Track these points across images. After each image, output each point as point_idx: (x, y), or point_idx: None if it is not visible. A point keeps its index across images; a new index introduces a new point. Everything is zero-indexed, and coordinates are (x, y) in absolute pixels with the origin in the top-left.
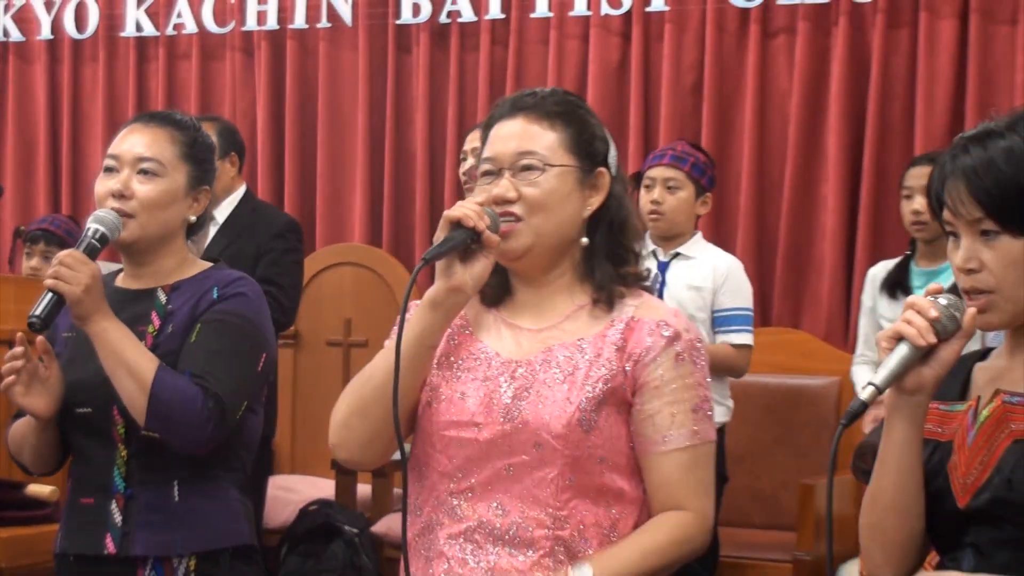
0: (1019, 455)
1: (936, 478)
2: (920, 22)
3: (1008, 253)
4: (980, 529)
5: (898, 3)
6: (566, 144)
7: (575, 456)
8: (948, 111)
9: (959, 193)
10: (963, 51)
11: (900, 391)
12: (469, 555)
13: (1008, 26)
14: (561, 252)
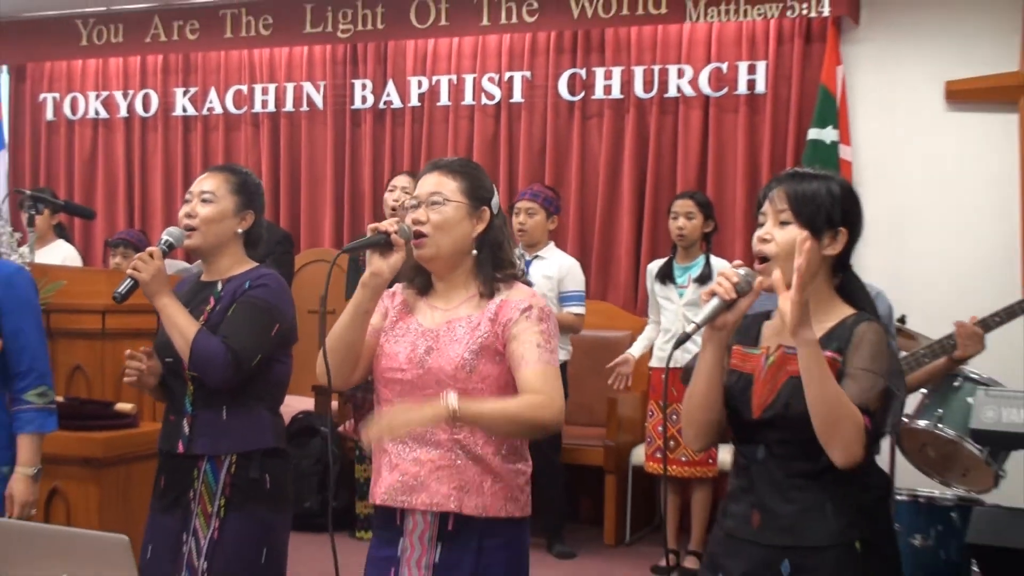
0: (792, 387)
1: (741, 396)
2: (679, 112)
3: (790, 235)
4: (767, 432)
5: (665, 100)
6: (462, 190)
7: (463, 388)
8: (697, 167)
9: (779, 195)
10: (705, 130)
11: (712, 328)
12: (401, 450)
13: (732, 115)
14: (458, 259)
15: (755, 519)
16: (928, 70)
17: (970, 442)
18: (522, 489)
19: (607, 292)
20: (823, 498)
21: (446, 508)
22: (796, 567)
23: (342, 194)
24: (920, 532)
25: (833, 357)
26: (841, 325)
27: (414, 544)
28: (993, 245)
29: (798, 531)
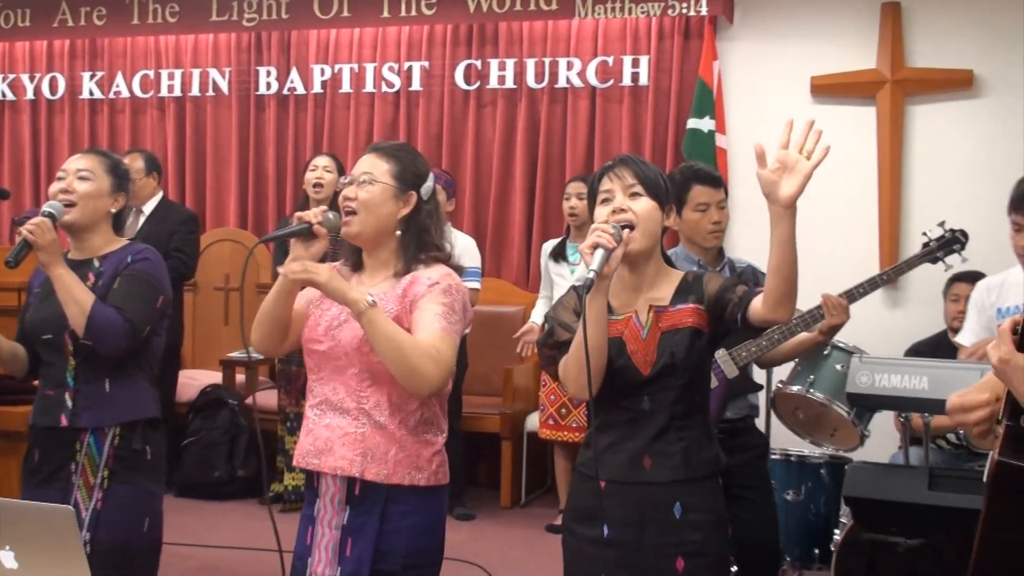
0: (671, 339)
1: (619, 359)
2: (568, 101)
3: (646, 205)
4: (654, 385)
5: (555, 90)
6: (391, 172)
7: (367, 361)
8: (584, 153)
9: (626, 172)
10: (592, 119)
11: (599, 277)
12: (318, 417)
13: (617, 105)
14: (381, 239)
15: (647, 463)
16: (795, 66)
17: (838, 404)
18: (430, 460)
19: (501, 269)
20: (700, 433)
21: (349, 473)
22: (686, 506)
23: (246, 176)
24: (793, 488)
25: (696, 308)
26: (685, 281)
27: (326, 506)
28: (854, 226)
29: (689, 465)
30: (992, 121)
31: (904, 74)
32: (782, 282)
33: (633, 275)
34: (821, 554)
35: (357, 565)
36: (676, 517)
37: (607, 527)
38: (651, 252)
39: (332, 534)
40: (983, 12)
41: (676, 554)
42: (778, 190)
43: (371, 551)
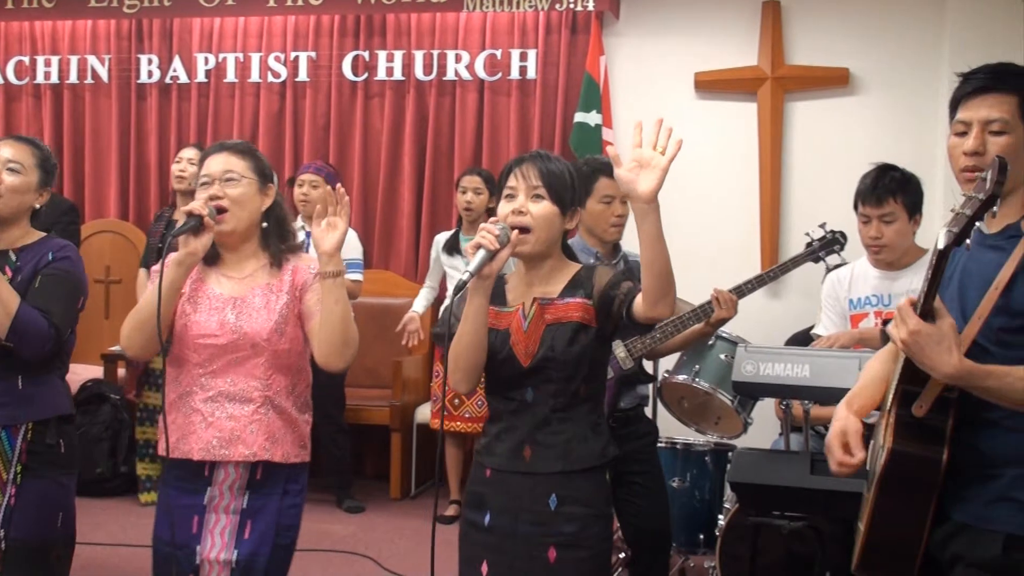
0: (554, 332)
1: (502, 350)
2: (457, 94)
3: (546, 209)
4: (535, 376)
5: (443, 82)
6: (252, 168)
7: (274, 350)
8: (473, 145)
9: (532, 172)
10: (481, 111)
11: (479, 278)
12: (216, 409)
13: (506, 98)
14: (250, 232)
15: (527, 453)
16: (679, 62)
17: (723, 393)
18: (308, 437)
19: (389, 261)
20: (584, 426)
21: (261, 458)
22: (561, 498)
23: (127, 166)
24: (678, 475)
25: (584, 302)
26: (578, 276)
27: (223, 493)
28: (736, 218)
29: (569, 456)
30: (867, 118)
31: (784, 71)
32: (656, 278)
33: (529, 271)
34: (706, 539)
35: (258, 544)
36: (551, 508)
37: (489, 514)
38: (546, 253)
39: (229, 519)
40: (859, 12)
41: (549, 544)
42: (637, 187)
43: (273, 530)
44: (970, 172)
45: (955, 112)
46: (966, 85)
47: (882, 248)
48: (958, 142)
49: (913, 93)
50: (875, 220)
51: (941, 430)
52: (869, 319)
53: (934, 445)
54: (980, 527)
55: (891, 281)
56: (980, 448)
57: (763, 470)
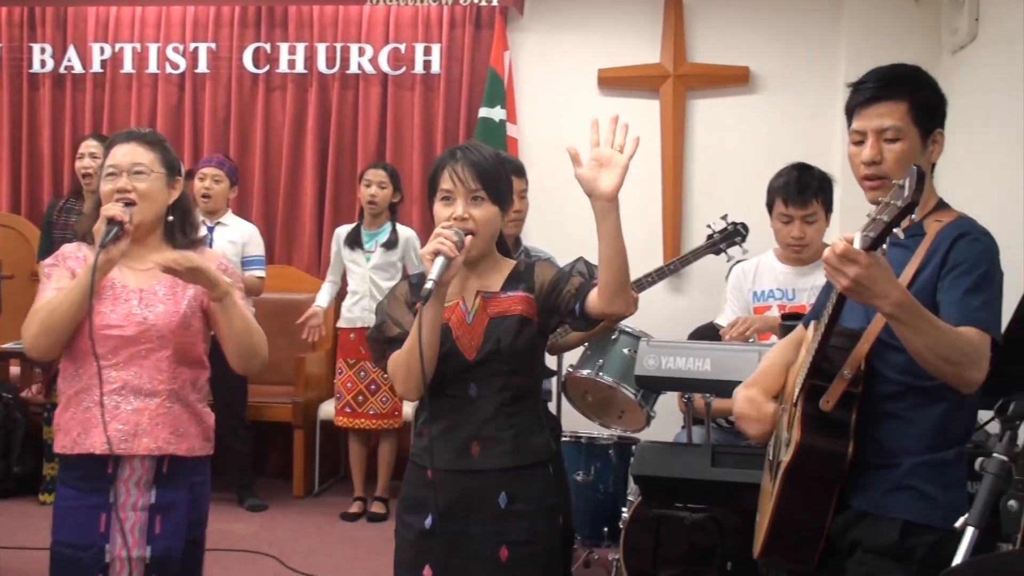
0: (498, 325)
1: (444, 345)
2: (360, 87)
3: (487, 212)
4: (480, 370)
5: (346, 76)
6: (160, 161)
7: (180, 342)
8: (376, 139)
9: (470, 175)
10: (384, 106)
11: (438, 285)
12: (120, 402)
13: (409, 92)
14: (156, 224)
15: (475, 450)
16: (583, 58)
17: (626, 387)
18: (212, 429)
19: (292, 256)
20: (530, 420)
21: (167, 451)
22: (511, 496)
23: (19, 158)
24: (582, 469)
25: (526, 296)
26: (516, 270)
27: (129, 490)
28: (641, 215)
29: (518, 452)
30: (766, 116)
31: (686, 69)
32: (615, 274)
33: (467, 267)
34: (610, 531)
35: (171, 539)
36: (501, 507)
37: (431, 517)
38: (486, 252)
39: (138, 516)
40: (760, 11)
41: (501, 544)
42: (599, 186)
43: (184, 524)
44: (871, 180)
45: (851, 120)
46: (857, 95)
47: (803, 248)
48: (856, 151)
49: (811, 92)
50: (798, 220)
51: (846, 424)
52: (772, 312)
53: (840, 439)
54: (879, 515)
55: (797, 277)
56: (880, 440)
57: (666, 463)
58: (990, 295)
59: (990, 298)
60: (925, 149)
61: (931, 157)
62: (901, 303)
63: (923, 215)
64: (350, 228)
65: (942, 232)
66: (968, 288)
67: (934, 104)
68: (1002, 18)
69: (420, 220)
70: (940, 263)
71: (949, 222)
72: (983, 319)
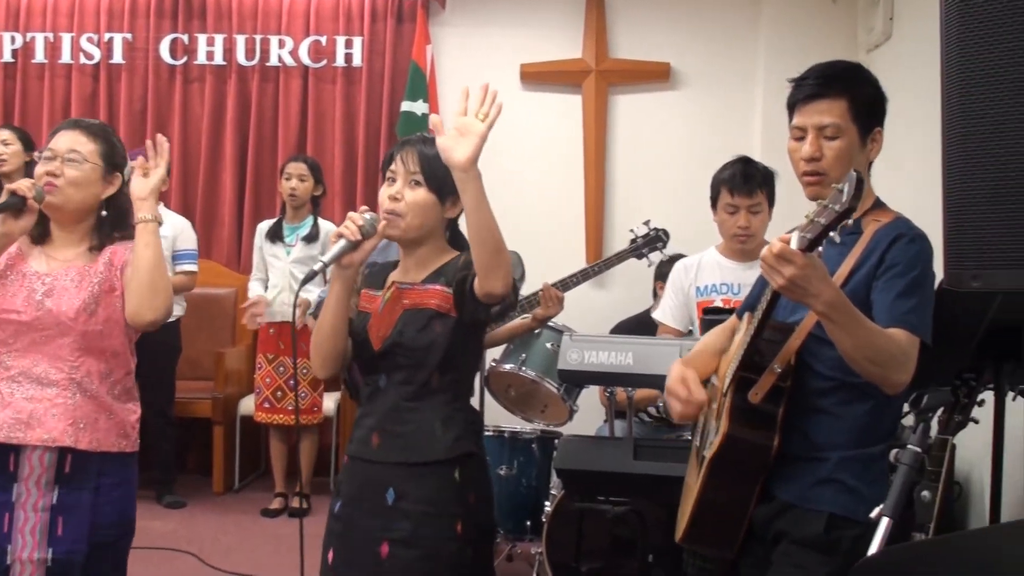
0: (407, 318)
1: (362, 332)
2: (280, 80)
3: (420, 197)
4: (386, 361)
5: (266, 68)
6: (99, 153)
7: (83, 331)
8: (297, 133)
9: (412, 158)
10: (305, 98)
11: (339, 267)
12: (15, 389)
13: (331, 85)
14: (83, 215)
15: (375, 440)
16: (505, 53)
17: (549, 381)
18: (133, 427)
19: (211, 250)
20: (434, 418)
21: (62, 443)
22: (399, 493)
23: None
24: (505, 463)
25: (443, 290)
26: (446, 265)
27: (30, 489)
28: (563, 210)
29: (412, 448)
30: (687, 112)
31: (608, 65)
32: (484, 250)
33: (406, 257)
34: (533, 525)
35: (73, 543)
36: (388, 503)
37: (340, 502)
38: (421, 240)
39: (39, 516)
40: (680, 8)
41: (382, 539)
42: (453, 155)
43: (87, 526)
44: (810, 176)
45: (792, 115)
46: (798, 91)
47: (748, 238)
48: (796, 147)
49: (730, 88)
50: (743, 210)
51: (773, 417)
52: (716, 303)
53: (766, 432)
54: (804, 507)
55: (742, 271)
56: (808, 433)
57: (588, 456)
58: (922, 298)
59: (922, 301)
60: (864, 147)
61: (870, 155)
62: (833, 303)
63: (861, 213)
64: (271, 223)
65: (880, 232)
66: (901, 291)
67: (874, 102)
68: (915, 18)
69: (342, 214)
70: (876, 263)
71: (887, 222)
72: (913, 322)
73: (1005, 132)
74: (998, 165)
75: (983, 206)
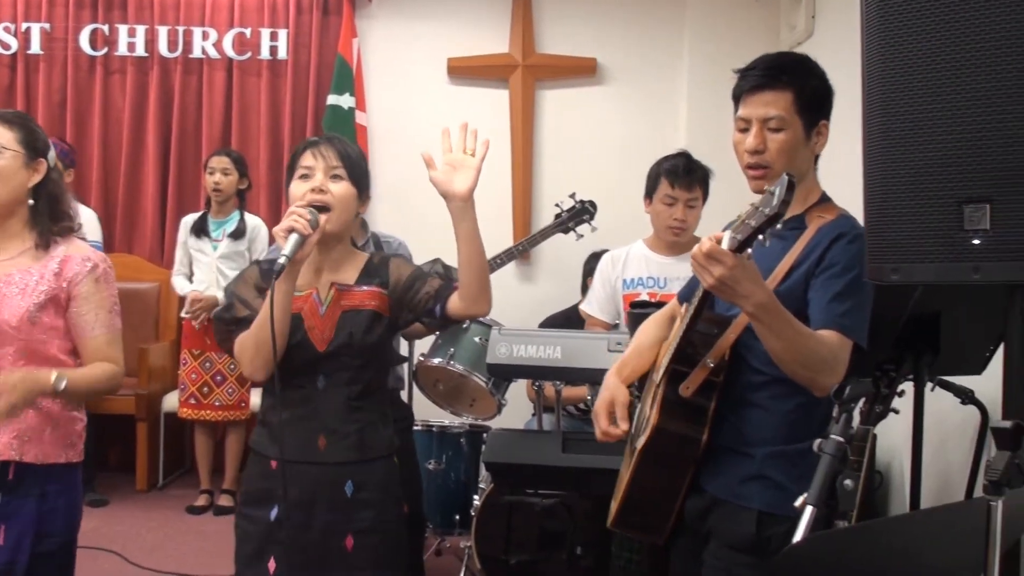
0: (351, 319)
1: (295, 335)
2: (204, 72)
3: (345, 189)
4: (330, 363)
5: (189, 60)
6: (19, 140)
7: (27, 339)
8: (221, 126)
9: (331, 153)
10: (229, 91)
11: (291, 263)
12: None
13: (256, 78)
14: (12, 208)
15: (322, 443)
16: (432, 47)
17: (478, 375)
18: (80, 435)
19: (133, 245)
20: (376, 415)
21: (7, 456)
22: (358, 485)
23: None
24: (434, 457)
25: (379, 291)
26: (371, 263)
27: None
28: (490, 206)
29: (363, 446)
30: (614, 107)
31: (534, 60)
32: (476, 276)
33: (320, 255)
34: (462, 519)
35: (14, 552)
36: (347, 495)
37: (276, 508)
38: (341, 235)
39: None
40: (607, 4)
41: (346, 532)
42: (453, 187)
43: (30, 535)
44: (754, 169)
45: (737, 106)
46: (744, 81)
47: (682, 231)
48: (741, 138)
49: (656, 84)
50: (682, 203)
51: (704, 411)
52: (642, 298)
53: (696, 425)
54: (734, 503)
55: (669, 265)
56: (739, 428)
57: (517, 450)
58: (858, 300)
59: (858, 303)
60: (809, 140)
61: (815, 148)
62: (763, 304)
63: (805, 208)
64: (196, 217)
65: (823, 229)
66: (837, 292)
67: (820, 95)
68: (837, 15)
69: (268, 208)
70: (816, 261)
71: (831, 220)
72: (847, 324)
73: (923, 128)
74: (916, 160)
75: (902, 200)
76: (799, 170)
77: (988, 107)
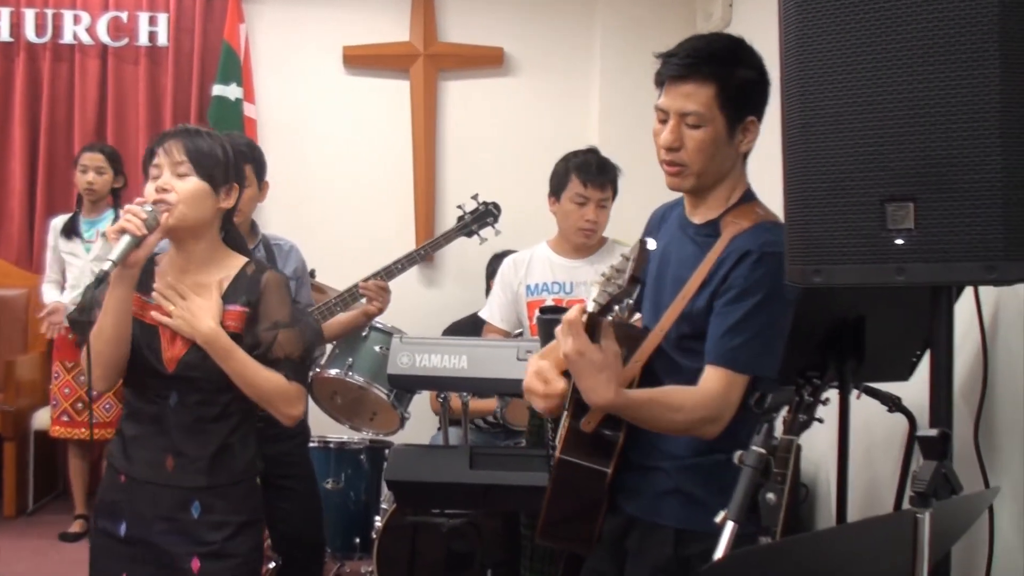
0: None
1: (149, 348)
2: (76, 59)
3: (191, 185)
4: (181, 382)
5: (59, 46)
6: None
7: None
8: (95, 117)
9: (177, 148)
10: (104, 80)
11: (123, 266)
12: None
13: (133, 66)
14: None
15: (169, 463)
16: (327, 35)
17: (378, 387)
18: None
19: None
20: (234, 439)
21: None
22: (205, 507)
23: None
24: (332, 476)
25: (243, 311)
26: (242, 276)
27: None
28: (392, 200)
29: (212, 471)
30: (522, 99)
31: (437, 49)
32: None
33: (180, 253)
34: (362, 542)
35: None
36: (194, 517)
37: (125, 524)
38: (198, 233)
39: None
40: None
41: (192, 554)
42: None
43: None
44: (670, 166)
45: (660, 94)
46: (665, 68)
47: (594, 233)
48: (659, 130)
49: (566, 74)
50: (593, 203)
51: (611, 443)
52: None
53: (601, 459)
54: (650, 521)
55: (575, 269)
56: (653, 443)
57: (421, 467)
58: (757, 329)
59: (757, 333)
60: (733, 138)
61: (739, 147)
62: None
63: (723, 211)
64: (66, 218)
65: (735, 241)
66: (731, 324)
67: (749, 88)
68: (755, 3)
69: None
70: (721, 280)
71: (746, 228)
72: (739, 360)
73: (844, 125)
74: (837, 159)
75: (823, 200)
76: (719, 169)
77: (911, 103)
